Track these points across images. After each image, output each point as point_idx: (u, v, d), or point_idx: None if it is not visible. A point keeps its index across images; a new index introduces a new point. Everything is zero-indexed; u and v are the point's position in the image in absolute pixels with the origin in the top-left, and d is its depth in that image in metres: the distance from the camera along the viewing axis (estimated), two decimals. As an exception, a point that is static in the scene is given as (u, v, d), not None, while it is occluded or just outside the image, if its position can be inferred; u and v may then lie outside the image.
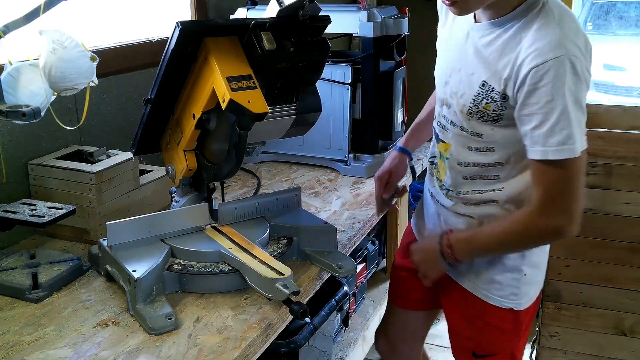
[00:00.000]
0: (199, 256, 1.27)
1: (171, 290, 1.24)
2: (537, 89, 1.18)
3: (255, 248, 1.28)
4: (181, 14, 2.11)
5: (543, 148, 1.20)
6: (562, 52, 1.16)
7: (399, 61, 2.04)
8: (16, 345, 1.08)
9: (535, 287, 1.47)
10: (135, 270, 1.17)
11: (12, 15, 1.26)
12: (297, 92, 1.37)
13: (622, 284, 2.62)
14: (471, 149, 1.36)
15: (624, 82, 4.76)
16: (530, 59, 1.18)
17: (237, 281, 1.25)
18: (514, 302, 1.43)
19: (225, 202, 1.44)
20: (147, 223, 1.29)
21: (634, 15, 4.98)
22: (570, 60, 1.17)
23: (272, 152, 2.09)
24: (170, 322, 1.12)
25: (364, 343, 2.16)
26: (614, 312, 2.64)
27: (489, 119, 1.29)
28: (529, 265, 1.42)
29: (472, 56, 1.31)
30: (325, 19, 1.34)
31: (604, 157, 2.45)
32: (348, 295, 1.95)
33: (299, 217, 1.50)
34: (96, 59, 1.38)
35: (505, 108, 1.26)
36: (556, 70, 1.16)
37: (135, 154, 1.45)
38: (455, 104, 1.35)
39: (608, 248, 2.61)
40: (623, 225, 2.57)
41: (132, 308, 1.16)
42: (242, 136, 1.24)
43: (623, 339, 2.65)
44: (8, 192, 1.48)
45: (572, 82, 1.17)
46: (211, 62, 1.22)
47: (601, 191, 2.55)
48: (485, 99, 1.28)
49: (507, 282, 1.42)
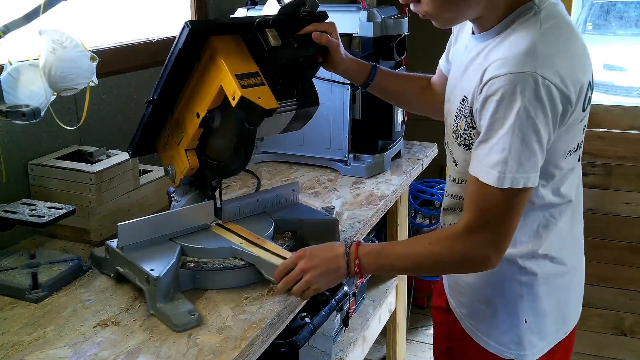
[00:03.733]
0: (210, 253, 1.30)
1: (185, 287, 1.25)
2: (489, 102, 1.06)
3: (266, 242, 1.31)
4: (181, 14, 2.11)
5: (478, 165, 1.10)
6: (529, 69, 1.03)
7: (399, 61, 2.04)
8: (16, 345, 1.08)
9: (545, 339, 1.28)
10: (153, 270, 1.18)
11: (12, 15, 1.26)
12: (297, 87, 1.40)
13: (622, 284, 2.63)
14: (450, 178, 1.28)
15: (624, 82, 4.76)
16: (492, 68, 1.07)
17: (251, 275, 1.28)
18: (515, 353, 1.27)
19: (229, 199, 1.46)
20: (156, 223, 1.31)
21: (634, 15, 4.97)
22: (535, 81, 1.02)
23: (272, 152, 2.09)
24: (194, 318, 1.14)
25: (364, 343, 2.15)
26: (614, 312, 2.65)
27: (462, 142, 1.20)
28: (530, 312, 1.26)
29: (461, 72, 1.23)
30: (322, 15, 1.37)
31: (604, 157, 2.46)
32: (348, 295, 1.95)
33: (300, 211, 1.53)
34: (96, 59, 1.39)
35: (473, 127, 1.15)
36: (513, 87, 1.03)
37: (132, 156, 1.46)
38: (447, 123, 1.28)
39: (608, 248, 2.61)
40: (623, 225, 2.58)
41: (152, 307, 1.17)
42: (252, 132, 1.28)
43: (623, 339, 2.65)
44: (8, 192, 1.47)
45: (530, 104, 1.03)
46: (219, 60, 1.23)
47: (601, 191, 2.56)
48: (463, 116, 1.18)
49: (505, 328, 1.27)
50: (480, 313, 1.31)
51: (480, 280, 1.30)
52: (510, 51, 1.07)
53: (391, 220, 2.36)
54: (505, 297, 1.27)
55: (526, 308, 1.26)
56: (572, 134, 1.16)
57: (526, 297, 1.26)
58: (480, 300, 1.31)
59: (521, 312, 1.26)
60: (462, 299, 1.36)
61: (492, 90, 1.06)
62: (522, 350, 1.27)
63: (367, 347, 2.20)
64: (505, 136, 1.05)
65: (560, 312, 1.29)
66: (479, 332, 1.31)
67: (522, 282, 1.25)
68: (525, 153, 1.06)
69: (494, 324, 1.29)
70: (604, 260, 2.62)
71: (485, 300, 1.30)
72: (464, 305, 1.36)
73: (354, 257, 1.20)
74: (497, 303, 1.28)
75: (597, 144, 2.42)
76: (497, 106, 1.05)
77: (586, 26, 5.05)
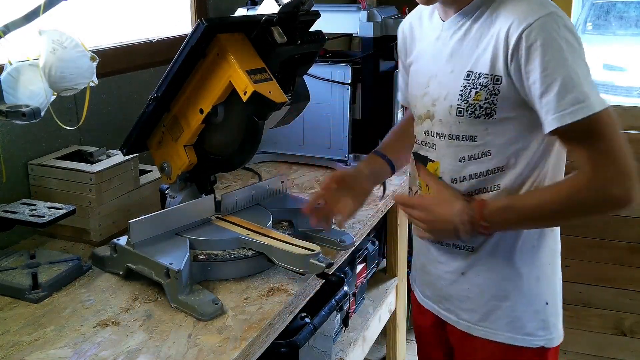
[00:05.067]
0: (219, 245, 1.33)
1: (197, 280, 1.27)
2: (532, 52, 1.08)
3: (272, 232, 1.36)
4: (181, 14, 2.11)
5: (557, 114, 1.08)
6: (549, 10, 1.10)
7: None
8: (16, 345, 1.08)
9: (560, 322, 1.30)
10: (172, 263, 1.20)
11: (12, 15, 1.26)
12: (293, 83, 1.46)
13: (622, 284, 2.63)
14: (464, 160, 1.23)
15: (623, 82, 4.76)
16: (516, 25, 1.10)
17: (263, 264, 1.33)
18: (544, 339, 1.27)
19: (226, 193, 1.50)
20: (164, 218, 1.34)
21: (634, 15, 4.98)
22: (562, 16, 1.10)
23: (272, 152, 2.09)
24: (217, 306, 1.17)
25: (364, 343, 2.15)
26: (614, 312, 2.65)
27: (482, 114, 1.18)
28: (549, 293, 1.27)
29: (447, 56, 1.23)
30: (315, 14, 1.43)
31: (604, 157, 2.45)
32: (348, 295, 1.95)
33: (291, 201, 1.60)
34: (96, 59, 1.38)
35: (499, 91, 1.15)
36: (549, 26, 1.08)
37: (126, 154, 1.47)
38: (441, 110, 1.24)
39: (607, 248, 2.61)
40: (622, 225, 2.58)
41: (174, 300, 1.19)
42: (260, 126, 1.33)
43: (623, 339, 2.65)
44: (8, 192, 1.47)
45: (568, 37, 1.09)
46: (229, 57, 1.26)
47: (601, 191, 2.55)
48: (474, 88, 1.17)
49: (529, 317, 1.27)
50: (496, 311, 1.29)
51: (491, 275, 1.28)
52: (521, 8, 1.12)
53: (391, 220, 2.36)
54: (523, 284, 1.27)
55: (544, 290, 1.28)
56: None
57: (542, 278, 1.28)
58: (495, 297, 1.28)
59: (541, 295, 1.28)
60: (468, 305, 1.32)
61: (531, 40, 1.08)
62: (550, 334, 1.28)
63: (367, 347, 2.20)
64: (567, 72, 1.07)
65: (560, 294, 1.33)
66: (499, 331, 1.29)
67: (536, 263, 1.27)
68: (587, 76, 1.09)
69: (517, 316, 1.27)
70: (604, 260, 2.62)
71: (503, 296, 1.28)
72: (470, 311, 1.32)
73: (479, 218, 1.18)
74: (516, 294, 1.27)
75: (597, 144, 2.42)
76: (543, 50, 1.08)
77: (586, 26, 5.05)
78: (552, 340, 1.28)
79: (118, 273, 1.31)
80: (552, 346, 1.28)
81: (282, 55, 1.36)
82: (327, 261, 1.25)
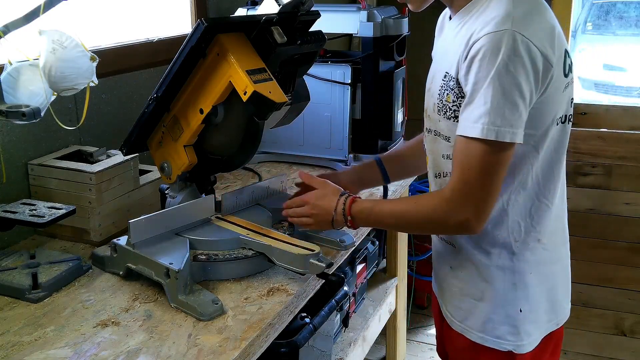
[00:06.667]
0: (219, 245, 1.33)
1: (197, 280, 1.27)
2: (473, 63, 1.10)
3: (271, 232, 1.37)
4: (181, 14, 2.11)
5: (463, 123, 1.12)
6: (506, 27, 1.07)
7: (399, 61, 2.04)
8: (16, 345, 1.08)
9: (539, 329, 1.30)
10: (172, 263, 1.20)
11: (12, 15, 1.26)
12: (293, 83, 1.47)
13: (622, 284, 2.62)
14: (444, 157, 1.27)
15: (624, 82, 4.76)
16: (475, 33, 1.11)
17: (263, 264, 1.33)
18: (512, 344, 1.27)
19: (227, 192, 1.50)
20: (164, 218, 1.34)
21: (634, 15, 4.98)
22: (514, 37, 1.06)
23: (271, 152, 2.09)
24: (217, 306, 1.17)
25: (364, 343, 2.16)
26: (614, 312, 2.64)
27: (451, 115, 1.20)
28: (524, 300, 1.27)
29: (441, 55, 1.26)
30: (315, 14, 1.43)
31: (604, 157, 2.45)
32: (348, 295, 1.95)
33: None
34: (96, 59, 1.38)
35: (462, 96, 1.16)
36: (492, 45, 1.07)
37: (126, 154, 1.47)
38: (429, 107, 1.29)
39: (608, 248, 2.61)
40: (623, 225, 2.57)
41: (173, 299, 1.19)
42: (260, 126, 1.35)
43: (623, 339, 2.65)
44: (8, 192, 1.48)
45: (509, 59, 1.06)
46: (229, 57, 1.26)
47: (601, 191, 2.56)
48: (447, 89, 1.20)
49: (501, 320, 1.28)
50: (473, 310, 1.31)
51: (471, 274, 1.30)
52: (489, 17, 1.11)
53: (391, 220, 2.36)
54: (498, 288, 1.28)
55: (520, 297, 1.27)
56: (558, 101, 1.18)
57: (519, 285, 1.27)
58: (473, 296, 1.31)
59: (516, 301, 1.27)
60: (454, 301, 1.35)
61: (474, 52, 1.09)
62: (520, 341, 1.28)
63: (367, 347, 2.20)
64: (486, 90, 1.08)
65: (550, 302, 1.31)
66: (474, 330, 1.31)
67: (514, 270, 1.26)
68: (507, 106, 1.08)
69: (490, 318, 1.29)
70: (604, 260, 2.62)
71: (479, 296, 1.30)
72: (456, 308, 1.35)
73: (347, 213, 1.30)
74: (491, 296, 1.28)
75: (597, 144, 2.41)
76: (479, 65, 1.09)
77: (586, 26, 5.05)
78: (522, 347, 1.28)
79: (118, 273, 1.32)
80: (521, 352, 1.28)
81: (282, 55, 1.36)
82: (327, 261, 1.25)
